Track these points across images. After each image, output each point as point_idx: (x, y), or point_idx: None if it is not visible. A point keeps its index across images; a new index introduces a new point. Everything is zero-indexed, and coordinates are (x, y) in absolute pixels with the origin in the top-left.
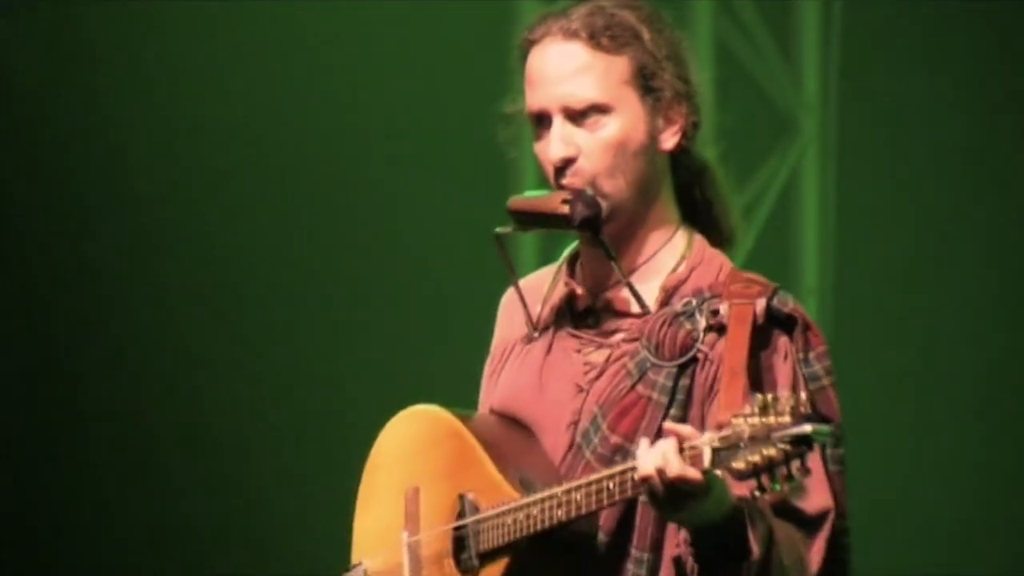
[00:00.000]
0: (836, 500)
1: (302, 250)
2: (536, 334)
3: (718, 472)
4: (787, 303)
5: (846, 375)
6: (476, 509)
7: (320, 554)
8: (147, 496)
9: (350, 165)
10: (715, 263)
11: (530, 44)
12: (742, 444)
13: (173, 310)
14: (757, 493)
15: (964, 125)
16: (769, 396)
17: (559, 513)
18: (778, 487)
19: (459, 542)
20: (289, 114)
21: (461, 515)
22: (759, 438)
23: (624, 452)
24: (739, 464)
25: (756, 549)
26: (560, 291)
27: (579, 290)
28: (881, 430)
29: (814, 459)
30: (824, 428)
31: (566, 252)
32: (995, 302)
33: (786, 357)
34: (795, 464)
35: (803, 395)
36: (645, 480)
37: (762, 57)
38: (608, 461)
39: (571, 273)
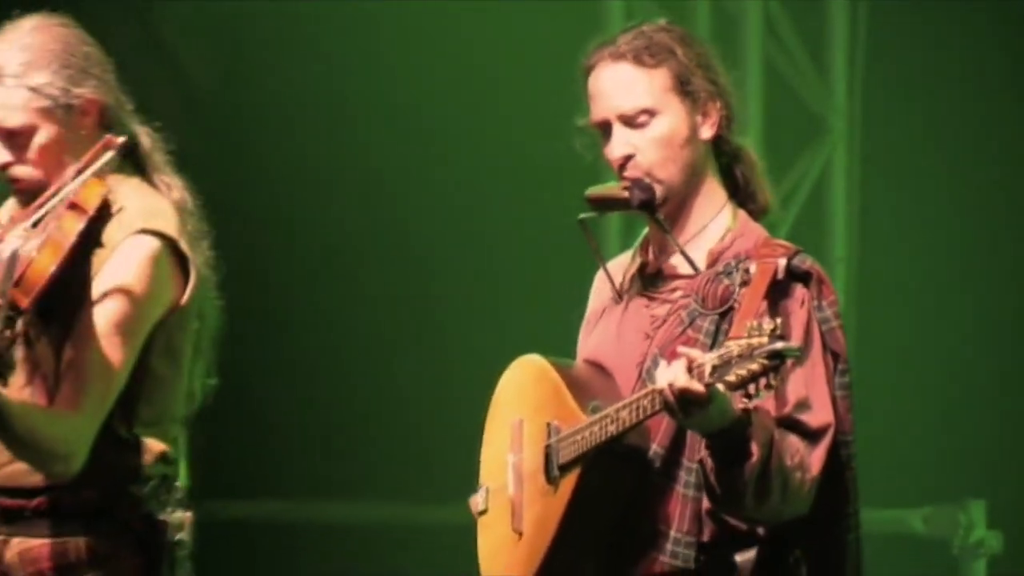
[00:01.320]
0: (838, 418)
1: (455, 238)
2: (619, 298)
3: (720, 386)
4: (805, 262)
5: (866, 326)
6: (559, 433)
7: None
8: (345, 411)
9: (482, 167)
10: (754, 233)
11: (588, 69)
12: (733, 361)
13: (366, 283)
14: (746, 400)
15: (971, 122)
16: (755, 323)
17: (611, 428)
18: (762, 395)
19: (547, 459)
20: (437, 116)
21: (548, 438)
22: (745, 356)
23: None
24: (731, 377)
25: (756, 452)
26: (635, 263)
27: (648, 259)
28: (893, 372)
29: (819, 384)
30: (793, 346)
31: (642, 234)
32: (993, 267)
33: (802, 304)
34: (772, 375)
35: (779, 320)
36: (660, 392)
37: (800, 71)
38: None
39: (644, 248)
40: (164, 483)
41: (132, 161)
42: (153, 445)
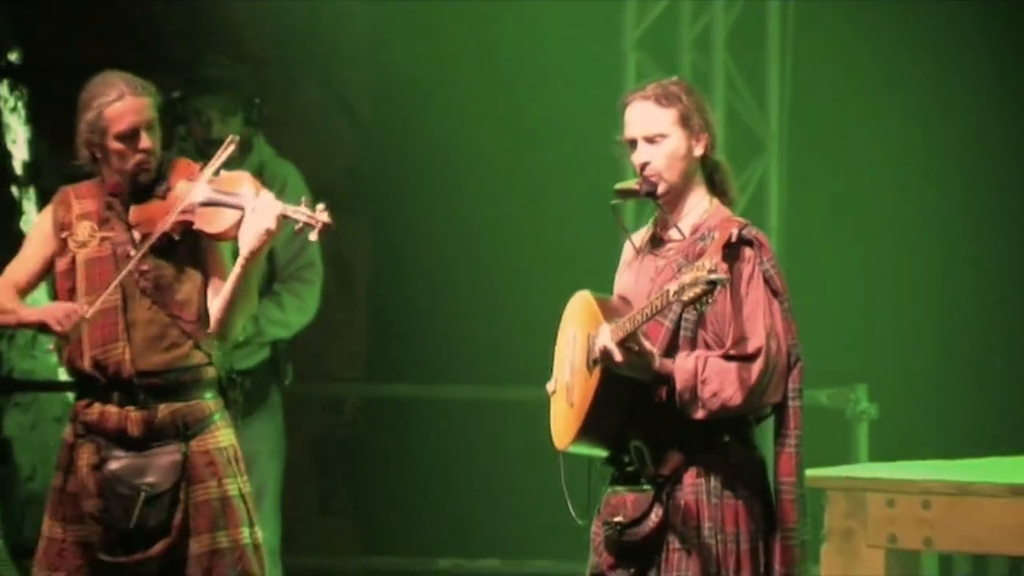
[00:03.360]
0: (784, 333)
1: (539, 213)
2: (638, 255)
3: (682, 299)
4: (752, 231)
5: (791, 271)
6: (594, 340)
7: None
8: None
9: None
10: (722, 214)
11: (625, 104)
12: (686, 287)
13: (474, 238)
14: (694, 309)
15: (865, 141)
16: (702, 262)
17: (628, 326)
18: (704, 308)
19: (588, 357)
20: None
21: (589, 343)
22: (693, 283)
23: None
24: (684, 297)
25: (678, 384)
26: (648, 233)
27: (656, 231)
28: (809, 298)
29: (756, 320)
30: (722, 277)
31: (655, 215)
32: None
33: (748, 261)
34: (710, 296)
35: (715, 259)
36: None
37: (748, 108)
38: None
39: (655, 224)
40: (230, 351)
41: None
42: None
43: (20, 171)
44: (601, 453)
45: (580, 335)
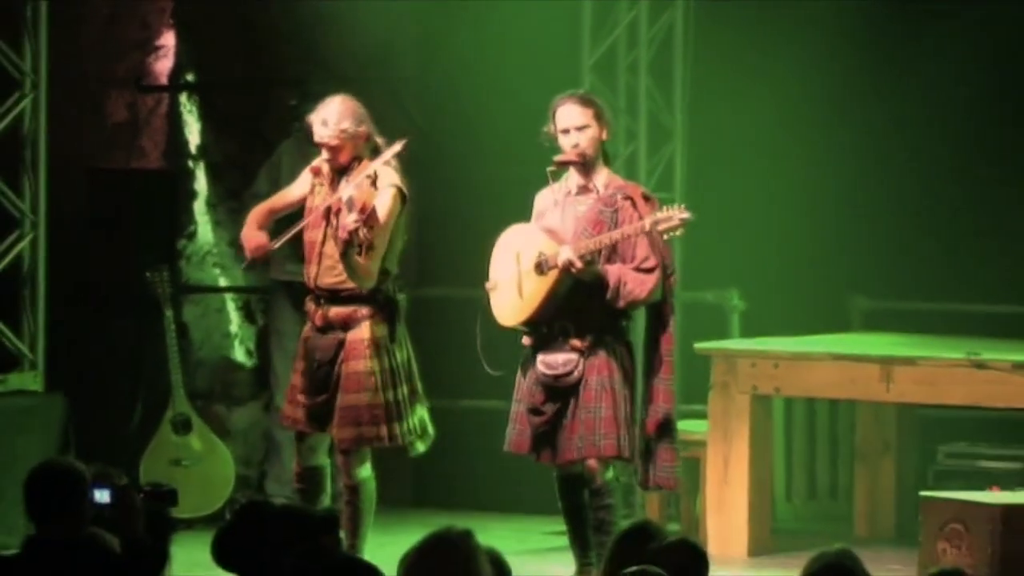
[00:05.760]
0: (664, 262)
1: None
2: (558, 204)
3: (658, 229)
4: (648, 191)
5: (692, 226)
6: (545, 255)
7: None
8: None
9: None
10: (616, 177)
11: (560, 103)
12: (661, 221)
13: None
14: (663, 235)
15: (754, 131)
16: (669, 207)
17: (592, 246)
18: (672, 236)
19: (538, 267)
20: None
21: (539, 257)
22: (668, 219)
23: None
24: (660, 228)
25: (609, 284)
26: (565, 188)
27: (573, 187)
28: (705, 236)
29: (650, 248)
30: (691, 216)
31: (564, 175)
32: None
33: (649, 209)
34: (681, 229)
35: (681, 206)
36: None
37: (660, 108)
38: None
39: (568, 182)
40: (395, 282)
41: (374, 153)
42: (390, 270)
43: (193, 150)
44: (529, 328)
45: (526, 250)
